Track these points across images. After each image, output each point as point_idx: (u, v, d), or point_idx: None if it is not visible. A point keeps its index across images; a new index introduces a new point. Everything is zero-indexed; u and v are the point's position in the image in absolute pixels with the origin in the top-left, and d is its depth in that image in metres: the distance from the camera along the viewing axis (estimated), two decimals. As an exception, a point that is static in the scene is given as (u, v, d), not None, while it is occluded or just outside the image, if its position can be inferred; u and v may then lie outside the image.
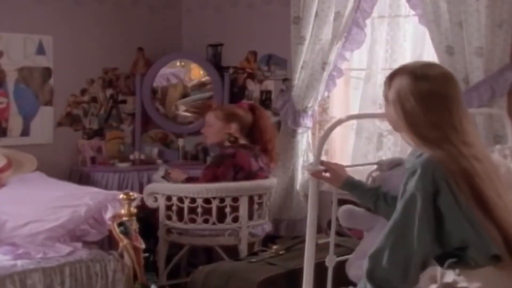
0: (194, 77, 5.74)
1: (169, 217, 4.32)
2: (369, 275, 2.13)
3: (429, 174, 2.08)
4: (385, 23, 4.55)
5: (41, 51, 5.08)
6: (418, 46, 4.45)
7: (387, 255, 2.09)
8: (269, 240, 4.44)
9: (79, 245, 3.81)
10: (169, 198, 4.30)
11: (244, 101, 5.11)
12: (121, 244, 3.65)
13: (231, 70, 5.49)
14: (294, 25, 4.74)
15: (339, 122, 2.93)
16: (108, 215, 3.85)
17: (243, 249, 4.29)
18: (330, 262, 2.89)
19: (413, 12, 4.34)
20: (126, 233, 3.62)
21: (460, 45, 3.97)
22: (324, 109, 5.03)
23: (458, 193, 2.07)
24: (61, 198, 4.05)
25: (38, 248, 3.67)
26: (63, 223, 3.84)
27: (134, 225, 3.67)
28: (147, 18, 5.62)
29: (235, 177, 4.29)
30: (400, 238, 2.09)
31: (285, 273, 3.60)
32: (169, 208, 4.31)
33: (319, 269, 2.81)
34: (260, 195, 4.40)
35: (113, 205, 3.89)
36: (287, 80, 5.04)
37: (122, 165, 5.27)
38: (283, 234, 4.82)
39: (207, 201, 4.23)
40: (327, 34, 4.64)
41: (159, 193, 4.32)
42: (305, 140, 4.89)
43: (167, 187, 4.41)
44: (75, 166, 5.26)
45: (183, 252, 4.46)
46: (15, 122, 5.01)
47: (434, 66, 2.27)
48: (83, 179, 5.08)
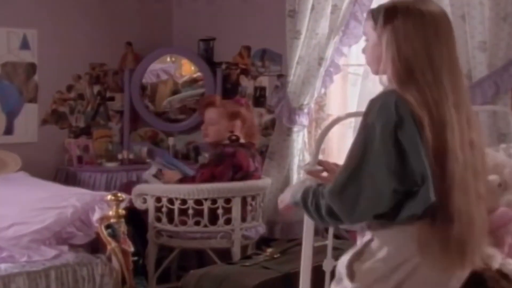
0: (185, 73, 5.79)
1: (158, 219, 4.32)
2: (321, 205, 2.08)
3: (392, 104, 1.98)
4: None
5: (25, 45, 5.07)
6: (418, 40, 4.40)
7: (338, 191, 2.02)
8: (263, 243, 4.46)
9: (65, 248, 3.76)
10: (158, 199, 4.30)
11: (238, 97, 5.14)
12: (109, 247, 3.62)
13: (224, 66, 5.50)
14: (290, 19, 4.74)
15: (337, 120, 2.91)
16: (96, 217, 3.82)
17: (236, 252, 4.28)
18: (328, 266, 2.82)
19: None
20: (114, 235, 3.60)
21: (463, 39, 3.93)
22: (320, 107, 5.02)
23: (421, 132, 1.97)
24: (46, 199, 4.03)
25: (23, 251, 3.63)
26: (49, 225, 3.80)
27: (123, 228, 3.65)
28: (136, 11, 5.64)
29: (233, 177, 4.30)
30: (352, 172, 2.01)
31: (280, 277, 3.55)
32: (159, 209, 4.30)
33: (316, 273, 2.76)
34: (254, 196, 4.41)
35: (101, 206, 3.85)
36: (282, 76, 5.06)
37: (110, 164, 5.28)
38: (278, 236, 4.82)
39: (199, 202, 4.23)
40: (324, 28, 4.63)
41: (148, 194, 4.32)
42: (301, 138, 4.89)
43: (156, 188, 4.41)
44: (61, 166, 5.27)
45: (173, 255, 4.44)
46: (-3, 120, 5.03)
47: (428, 1, 2.14)
48: (69, 179, 5.09)
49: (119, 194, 3.67)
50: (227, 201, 4.22)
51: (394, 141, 1.97)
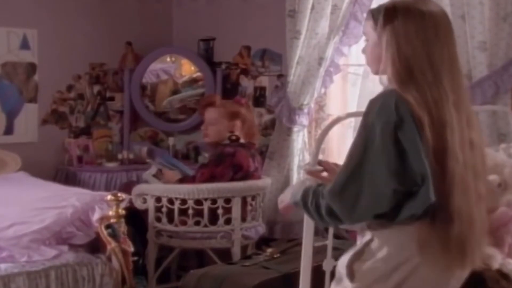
0: (185, 73, 5.77)
1: (158, 219, 4.30)
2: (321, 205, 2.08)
3: (392, 104, 1.97)
4: None
5: (25, 45, 5.05)
6: (418, 40, 4.40)
7: (338, 191, 2.02)
8: (263, 243, 4.44)
9: (65, 248, 3.75)
10: (158, 199, 4.28)
11: (238, 97, 5.11)
12: (109, 247, 3.62)
13: (224, 66, 5.48)
14: (290, 19, 4.73)
15: (337, 120, 2.90)
16: (96, 217, 3.80)
17: (236, 252, 4.27)
18: (328, 266, 2.83)
19: None
20: (114, 235, 3.59)
21: (463, 39, 3.92)
22: (320, 107, 5.02)
23: (421, 133, 1.97)
24: (46, 199, 4.01)
25: (23, 251, 3.62)
26: (49, 225, 3.79)
27: (123, 227, 3.65)
28: (136, 11, 5.62)
29: (233, 177, 4.28)
30: (352, 172, 2.01)
31: (280, 277, 3.55)
32: (159, 209, 4.29)
33: (316, 273, 2.76)
34: (254, 196, 4.40)
35: (101, 206, 3.84)
36: (282, 76, 5.05)
37: (110, 164, 5.27)
38: (278, 236, 4.81)
39: (199, 202, 4.22)
40: (324, 28, 4.62)
41: (148, 194, 4.31)
42: (300, 138, 4.88)
43: (156, 188, 4.39)
44: (61, 166, 5.25)
45: (173, 255, 4.43)
46: (-3, 120, 5.01)
47: (428, 1, 2.14)
48: (69, 179, 5.07)
49: (119, 194, 3.67)
50: (227, 201, 4.21)
51: (394, 141, 1.96)
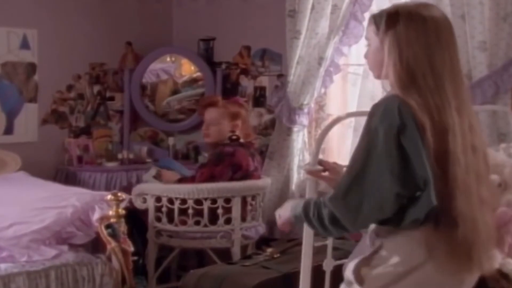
0: (185, 72, 5.76)
1: (158, 219, 4.29)
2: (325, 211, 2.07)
3: (394, 108, 1.98)
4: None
5: (25, 45, 5.04)
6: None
7: (341, 197, 2.03)
8: (263, 242, 4.41)
9: (65, 248, 3.76)
10: (158, 199, 4.27)
11: (237, 97, 5.11)
12: (109, 247, 3.61)
13: (224, 66, 5.47)
14: (290, 19, 4.72)
15: (338, 120, 2.90)
16: (96, 216, 3.80)
17: (236, 252, 4.26)
18: (328, 266, 2.85)
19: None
20: (114, 235, 3.59)
21: (463, 39, 3.91)
22: (320, 106, 5.01)
23: (423, 137, 1.98)
24: (46, 199, 4.00)
25: (23, 251, 3.62)
26: (49, 225, 3.79)
27: (123, 227, 3.64)
28: (136, 11, 5.62)
29: (232, 177, 4.27)
30: (355, 177, 2.01)
31: (280, 277, 3.54)
32: (158, 209, 4.28)
33: (316, 273, 2.77)
34: (254, 196, 4.39)
35: (101, 206, 3.84)
36: (282, 76, 5.04)
37: (110, 164, 5.25)
38: (277, 236, 4.77)
39: (199, 202, 4.21)
40: (324, 28, 4.62)
41: (148, 193, 4.30)
42: (300, 138, 4.87)
43: (156, 187, 4.38)
44: (61, 166, 5.23)
45: (173, 255, 4.43)
46: (-3, 120, 4.99)
47: (430, 6, 2.14)
48: (69, 179, 5.06)
49: (119, 194, 3.67)
50: (227, 200, 4.20)
51: (397, 146, 1.97)
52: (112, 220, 3.60)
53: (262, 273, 3.57)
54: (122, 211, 3.64)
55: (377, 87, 4.38)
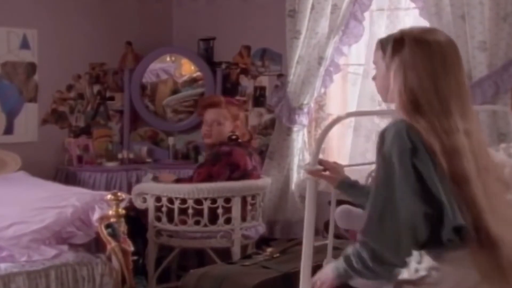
0: (185, 72, 5.75)
1: (158, 219, 4.29)
2: (362, 252, 2.02)
3: (404, 132, 1.99)
4: (384, 16, 4.51)
5: (25, 45, 5.04)
6: (418, 40, 4.39)
7: (376, 227, 1.99)
8: (263, 242, 4.44)
9: (65, 247, 3.75)
10: (158, 199, 4.27)
11: (236, 98, 5.14)
12: (108, 247, 3.61)
13: (224, 65, 5.47)
14: (290, 18, 4.72)
15: (338, 120, 2.92)
16: (96, 216, 3.80)
17: (236, 252, 4.26)
18: (328, 266, 2.81)
19: (413, 5, 4.30)
20: (114, 235, 3.59)
21: (463, 39, 3.92)
22: (320, 106, 5.00)
23: (434, 159, 1.98)
24: (46, 198, 4.01)
25: (23, 251, 3.62)
26: (49, 225, 3.79)
27: (122, 227, 3.64)
28: (136, 10, 5.62)
29: (230, 176, 4.27)
30: (384, 206, 1.99)
31: (280, 276, 3.53)
32: (158, 209, 4.28)
33: (316, 273, 2.66)
34: (254, 196, 4.38)
35: (101, 206, 3.84)
36: (282, 76, 5.04)
37: (110, 164, 5.25)
38: (277, 236, 4.79)
39: (198, 202, 4.20)
40: (324, 28, 4.61)
41: (148, 193, 4.30)
42: (300, 138, 4.87)
43: (156, 187, 4.38)
44: (61, 166, 5.23)
45: (173, 255, 4.42)
46: (-3, 120, 5.00)
47: (435, 31, 2.18)
48: (69, 179, 5.06)
49: (119, 194, 3.67)
50: (227, 200, 4.20)
51: (413, 167, 1.97)
52: (112, 220, 3.60)
53: (262, 273, 3.56)
54: (122, 211, 3.64)
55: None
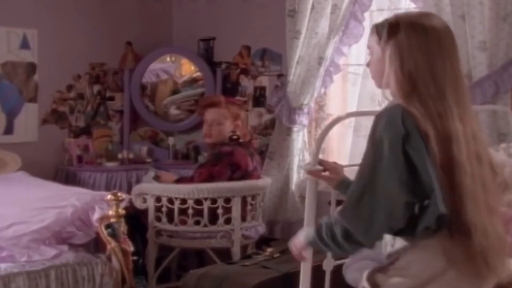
0: (185, 72, 5.74)
1: (158, 219, 4.29)
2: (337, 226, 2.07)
3: (398, 118, 2.00)
4: (384, 16, 4.41)
5: (25, 45, 5.03)
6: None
7: (352, 208, 2.04)
8: (263, 242, 4.43)
9: (65, 247, 3.75)
10: (158, 199, 4.27)
11: (236, 98, 5.14)
12: (108, 247, 3.62)
13: (224, 66, 5.46)
14: (290, 19, 4.71)
15: (338, 120, 2.96)
16: (96, 216, 3.80)
17: (236, 252, 4.26)
18: (328, 266, 2.85)
19: (413, 5, 4.29)
20: (114, 235, 3.59)
21: (463, 39, 3.91)
22: (320, 106, 4.99)
23: (427, 146, 1.99)
24: (46, 198, 4.00)
25: (23, 251, 3.62)
26: (49, 225, 3.79)
27: (122, 227, 3.64)
28: (136, 10, 5.61)
29: (231, 176, 4.27)
30: (365, 188, 2.02)
31: (280, 276, 3.56)
32: (158, 209, 4.28)
33: (316, 273, 2.77)
34: (254, 196, 4.38)
35: (101, 206, 3.84)
36: (282, 76, 5.03)
37: (110, 164, 5.25)
38: (277, 236, 4.78)
39: (198, 202, 4.20)
40: (324, 28, 4.61)
41: (148, 193, 4.30)
42: (300, 138, 4.86)
43: (156, 187, 4.39)
44: (61, 166, 5.22)
45: (173, 255, 4.43)
46: (-3, 120, 4.99)
47: (431, 15, 2.17)
48: (69, 179, 5.06)
49: (119, 194, 3.67)
50: (227, 200, 4.20)
51: (403, 154, 1.98)
52: (112, 220, 3.60)
53: (262, 273, 3.59)
54: (122, 211, 3.63)
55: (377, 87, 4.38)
